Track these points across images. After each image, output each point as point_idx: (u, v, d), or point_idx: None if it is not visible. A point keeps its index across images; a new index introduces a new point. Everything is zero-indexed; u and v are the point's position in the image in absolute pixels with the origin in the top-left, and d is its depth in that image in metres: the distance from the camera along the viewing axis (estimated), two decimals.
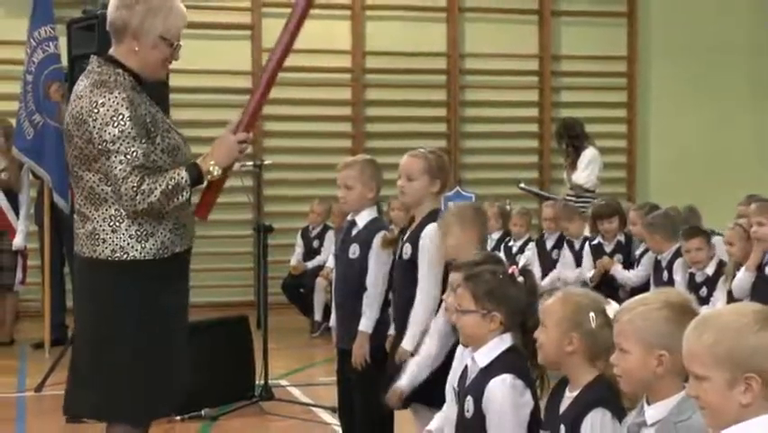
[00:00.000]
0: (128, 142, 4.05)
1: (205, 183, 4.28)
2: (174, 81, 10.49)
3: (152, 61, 4.27)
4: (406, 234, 5.30)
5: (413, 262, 5.16)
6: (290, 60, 13.60)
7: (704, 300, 7.23)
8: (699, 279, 7.55)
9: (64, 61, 8.56)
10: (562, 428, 3.45)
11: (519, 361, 3.82)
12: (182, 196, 4.12)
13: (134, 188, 4.03)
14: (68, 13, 9.16)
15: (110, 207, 4.14)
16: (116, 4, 4.25)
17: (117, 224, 4.13)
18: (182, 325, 4.40)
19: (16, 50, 10.21)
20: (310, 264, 10.95)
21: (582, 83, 13.68)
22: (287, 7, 13.11)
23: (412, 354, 4.98)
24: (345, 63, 12.95)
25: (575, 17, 13.63)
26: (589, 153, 10.63)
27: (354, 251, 5.56)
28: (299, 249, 11.15)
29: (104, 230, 4.14)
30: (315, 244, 11.12)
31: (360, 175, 5.56)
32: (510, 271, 3.95)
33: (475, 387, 3.80)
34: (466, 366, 3.97)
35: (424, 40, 13.04)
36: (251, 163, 9.17)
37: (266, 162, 9.12)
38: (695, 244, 7.64)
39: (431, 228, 5.17)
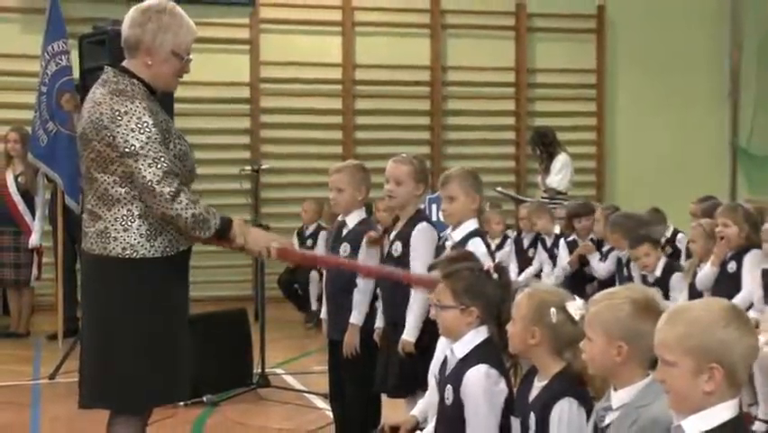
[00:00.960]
0: (156, 147, 4.03)
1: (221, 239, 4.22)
2: (178, 92, 10.48)
3: (165, 74, 4.26)
4: (394, 233, 5.29)
5: (403, 260, 5.15)
6: (286, 73, 13.66)
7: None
8: (650, 279, 7.53)
9: (76, 73, 8.54)
10: (532, 415, 3.46)
11: (494, 352, 3.82)
12: (203, 232, 4.10)
13: (172, 194, 4.00)
14: (80, 29, 9.13)
15: (122, 207, 4.10)
16: (130, 22, 4.24)
17: (129, 223, 4.09)
18: (185, 318, 4.38)
19: (32, 63, 10.17)
20: None
21: (555, 94, 13.68)
22: (282, 24, 13.19)
23: (415, 346, 4.98)
24: (336, 75, 12.93)
25: (548, 33, 13.63)
26: (561, 159, 10.64)
27: (345, 249, 5.56)
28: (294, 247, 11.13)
29: (115, 229, 4.10)
30: (309, 242, 11.11)
31: (350, 179, 5.56)
32: (486, 268, 3.94)
33: (454, 376, 3.80)
34: (447, 356, 3.96)
35: (409, 54, 13.03)
36: (249, 168, 9.15)
37: (264, 167, 9.08)
38: (643, 250, 7.61)
39: (422, 227, 5.17)
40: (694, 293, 6.94)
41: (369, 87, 13.02)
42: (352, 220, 5.59)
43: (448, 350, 3.93)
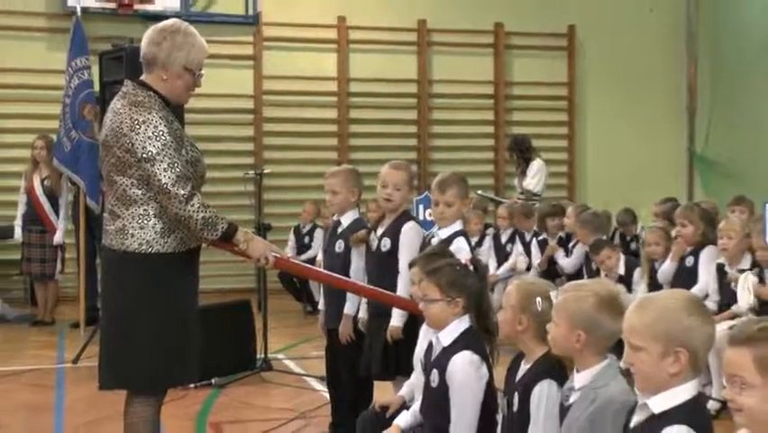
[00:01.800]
0: (171, 154, 4.05)
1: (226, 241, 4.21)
2: (189, 103, 10.47)
3: (178, 88, 4.27)
4: (381, 230, 5.27)
5: (392, 254, 5.15)
6: (286, 86, 13.67)
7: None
8: (612, 278, 7.51)
9: (96, 87, 8.54)
10: (516, 394, 3.47)
11: (476, 339, 3.83)
12: (210, 234, 4.11)
13: (185, 196, 4.02)
14: (100, 47, 9.14)
15: (139, 207, 4.11)
16: (147, 40, 4.26)
17: (145, 221, 4.11)
18: (194, 307, 4.39)
19: (57, 77, 10.16)
20: (301, 258, 10.95)
21: (530, 105, 13.69)
22: (283, 41, 13.19)
23: (403, 331, 4.98)
24: (332, 88, 12.92)
25: (524, 50, 13.63)
26: (536, 164, 10.64)
27: (340, 246, 5.56)
28: (291, 243, 11.17)
29: (132, 226, 4.11)
30: (306, 240, 11.13)
31: (344, 182, 5.56)
32: (465, 262, 3.96)
33: (440, 362, 3.82)
34: (431, 342, 3.97)
35: (398, 69, 13.04)
36: (253, 172, 9.14)
37: (266, 171, 9.08)
38: (604, 255, 7.57)
39: (410, 225, 5.17)
40: (653, 286, 6.95)
41: (361, 98, 13.02)
42: (347, 220, 5.59)
43: (433, 337, 3.94)
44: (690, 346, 2.70)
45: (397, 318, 5.02)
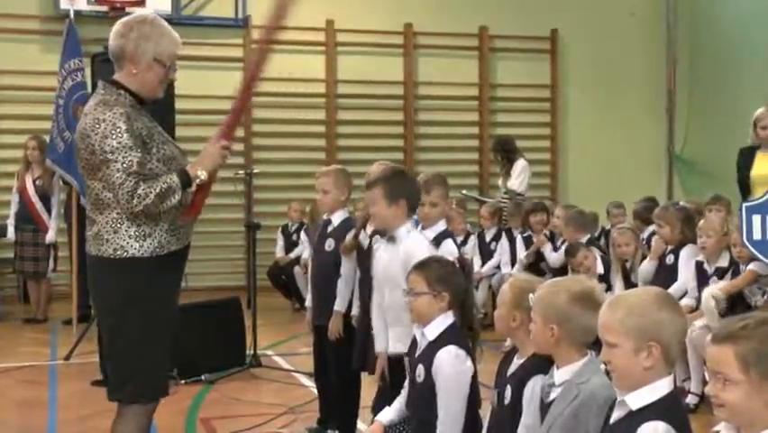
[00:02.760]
0: (125, 153, 3.80)
1: (194, 187, 3.96)
2: (180, 104, 10.47)
3: (149, 81, 4.03)
4: (371, 229, 5.26)
5: None
6: (275, 88, 13.67)
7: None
8: (593, 278, 7.53)
9: (89, 88, 8.52)
10: (508, 388, 3.47)
11: (461, 334, 3.84)
12: (174, 198, 3.85)
13: (130, 192, 3.79)
14: (93, 49, 9.12)
15: (112, 211, 3.90)
16: (114, 34, 4.04)
17: (118, 225, 3.90)
18: (175, 312, 4.15)
19: (50, 79, 10.13)
20: (292, 255, 11.00)
21: (514, 106, 13.70)
22: (272, 43, 13.10)
23: None
24: (320, 90, 12.92)
25: (508, 53, 13.65)
26: (520, 164, 10.64)
27: (330, 244, 5.55)
28: (281, 242, 11.19)
29: (107, 231, 3.92)
30: (294, 237, 11.16)
31: (334, 182, 5.55)
32: (452, 260, 3.98)
33: (425, 357, 3.81)
34: (415, 339, 3.98)
35: (384, 71, 13.04)
36: (242, 172, 9.13)
37: (255, 171, 9.09)
38: (580, 257, 7.54)
39: None
40: (630, 286, 6.96)
41: (349, 100, 13.01)
42: (337, 219, 5.58)
43: (418, 333, 3.94)
44: (662, 340, 2.71)
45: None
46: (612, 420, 2.80)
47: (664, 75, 14.19)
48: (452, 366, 3.73)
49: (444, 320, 3.85)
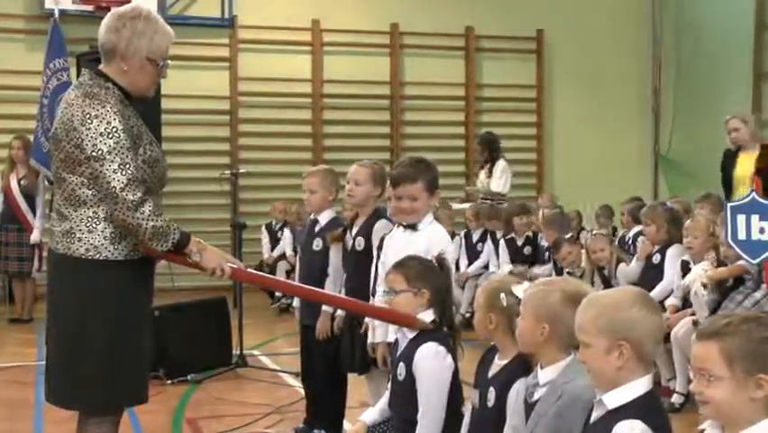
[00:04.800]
0: (123, 153, 3.62)
1: (179, 253, 3.76)
2: (166, 104, 10.47)
3: (141, 80, 3.82)
4: (356, 229, 5.25)
5: (366, 253, 5.13)
6: (261, 87, 13.62)
7: None
8: (578, 274, 7.53)
9: None
10: (492, 390, 3.45)
11: (441, 331, 3.84)
12: (161, 245, 3.66)
13: (134, 203, 3.59)
14: (78, 48, 9.12)
15: (88, 208, 3.69)
16: (105, 28, 3.80)
17: (94, 225, 3.68)
18: (146, 320, 3.94)
19: (34, 78, 10.10)
20: (275, 253, 11.04)
21: (500, 106, 13.73)
22: (258, 44, 13.15)
23: None
24: (307, 90, 12.92)
25: (494, 53, 13.68)
26: (501, 165, 10.61)
27: (317, 244, 5.54)
28: (265, 240, 11.19)
29: (80, 230, 3.69)
30: (279, 235, 11.19)
31: (321, 181, 5.54)
32: (430, 258, 3.99)
33: (406, 354, 3.81)
34: (397, 339, 3.98)
35: (371, 71, 13.05)
36: (228, 172, 9.13)
37: (241, 171, 9.08)
38: (565, 251, 7.57)
39: (381, 223, 5.14)
40: (609, 285, 6.98)
41: (335, 99, 13.02)
42: (324, 218, 5.57)
43: (399, 334, 3.94)
44: (633, 339, 2.71)
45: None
46: (591, 420, 2.81)
47: (650, 75, 14.24)
48: (432, 362, 3.72)
49: (425, 317, 3.84)
